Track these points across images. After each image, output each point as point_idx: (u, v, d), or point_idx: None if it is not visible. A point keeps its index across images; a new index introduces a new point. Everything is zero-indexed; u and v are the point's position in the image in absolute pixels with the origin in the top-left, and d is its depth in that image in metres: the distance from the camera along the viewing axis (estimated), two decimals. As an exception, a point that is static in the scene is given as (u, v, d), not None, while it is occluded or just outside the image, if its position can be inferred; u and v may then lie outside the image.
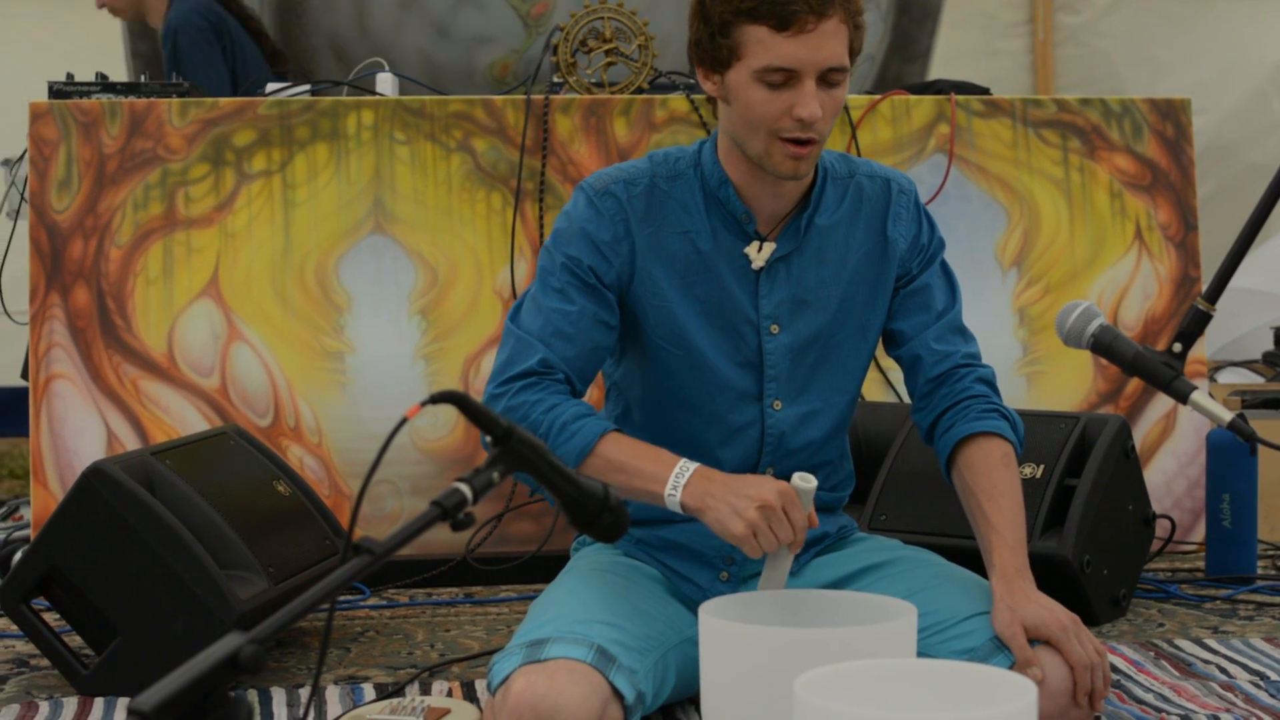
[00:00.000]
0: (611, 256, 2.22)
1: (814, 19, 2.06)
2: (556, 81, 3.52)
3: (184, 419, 3.34)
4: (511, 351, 2.20)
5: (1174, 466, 3.59)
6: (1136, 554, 3.06)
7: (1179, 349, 2.45)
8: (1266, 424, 3.47)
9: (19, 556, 2.67)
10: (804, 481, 2.04)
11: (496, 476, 1.52)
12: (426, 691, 2.55)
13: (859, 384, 2.36)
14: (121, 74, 4.92)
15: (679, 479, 2.07)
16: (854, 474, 2.45)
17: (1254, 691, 2.42)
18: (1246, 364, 4.63)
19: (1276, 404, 3.78)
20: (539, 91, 3.47)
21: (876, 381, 3.51)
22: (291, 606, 1.30)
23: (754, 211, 2.23)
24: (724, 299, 2.24)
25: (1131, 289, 3.61)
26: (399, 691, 2.53)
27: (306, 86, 3.57)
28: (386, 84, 3.62)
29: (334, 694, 2.54)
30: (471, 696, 2.50)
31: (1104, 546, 2.92)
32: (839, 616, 1.99)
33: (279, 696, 2.52)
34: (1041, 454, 2.95)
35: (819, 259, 2.26)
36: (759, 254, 2.24)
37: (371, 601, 3.22)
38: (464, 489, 1.48)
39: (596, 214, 2.22)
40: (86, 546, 2.55)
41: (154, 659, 2.50)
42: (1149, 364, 2.43)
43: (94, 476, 2.57)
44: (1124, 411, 3.56)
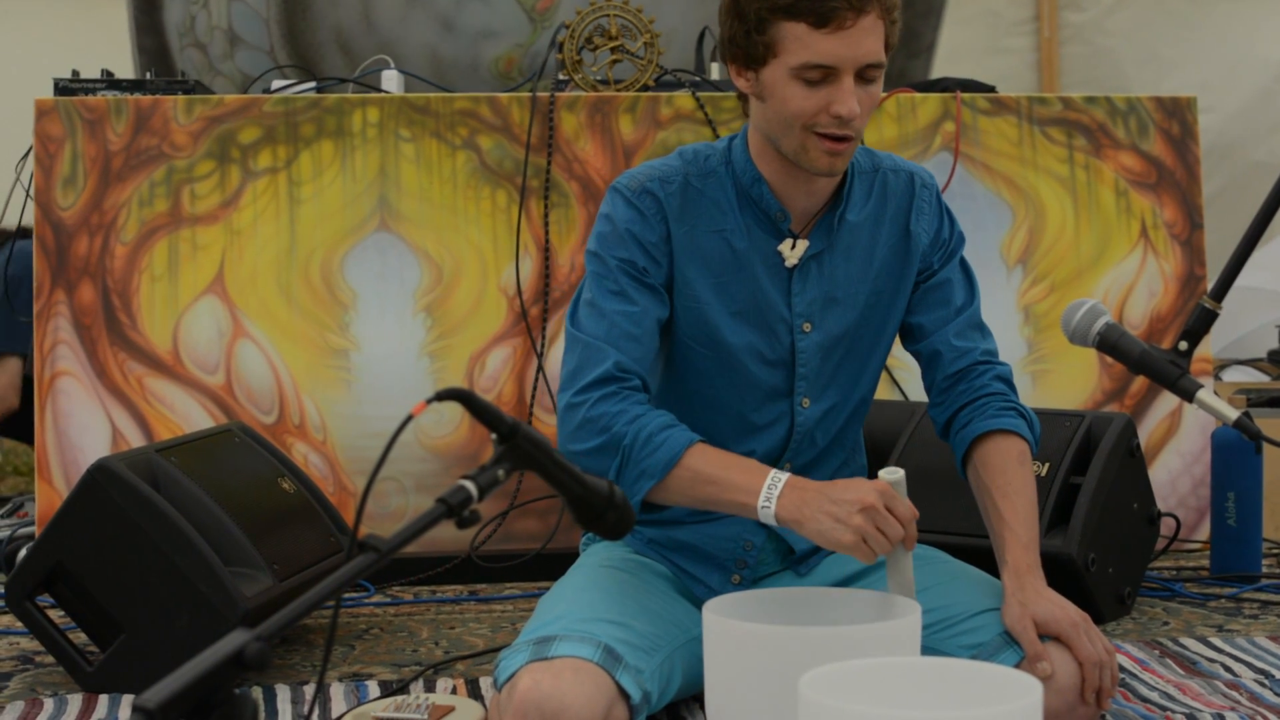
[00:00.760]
0: (659, 257, 2.19)
1: (852, 15, 2.04)
2: (562, 79, 3.51)
3: (189, 416, 3.34)
4: (581, 358, 2.15)
5: (1179, 465, 3.59)
6: (1141, 552, 3.05)
7: (1185, 347, 2.44)
8: (1272, 422, 3.46)
9: (24, 553, 2.66)
10: (892, 474, 2.01)
11: (502, 474, 1.52)
12: (431, 689, 2.55)
13: (877, 377, 2.35)
14: (127, 71, 4.91)
15: (771, 490, 2.03)
16: (866, 467, 2.44)
17: (1259, 690, 2.42)
18: (1252, 362, 4.63)
19: (1281, 402, 3.78)
20: (544, 89, 3.47)
21: (882, 379, 3.50)
22: (296, 604, 1.30)
23: (788, 209, 2.21)
24: (759, 297, 2.22)
25: (1137, 287, 3.60)
26: (403, 689, 2.53)
27: (312, 84, 3.57)
28: (392, 81, 3.62)
29: (338, 691, 2.54)
30: (476, 694, 2.50)
31: (1109, 545, 2.92)
32: (843, 614, 1.99)
33: (284, 694, 2.52)
34: (1047, 452, 2.95)
35: (848, 256, 2.25)
36: (792, 251, 2.22)
37: (376, 599, 3.22)
38: (469, 486, 1.48)
39: (640, 215, 2.18)
40: (91, 543, 2.55)
41: (159, 656, 2.50)
42: (1154, 362, 2.43)
43: (99, 473, 2.57)
44: (1129, 410, 3.55)
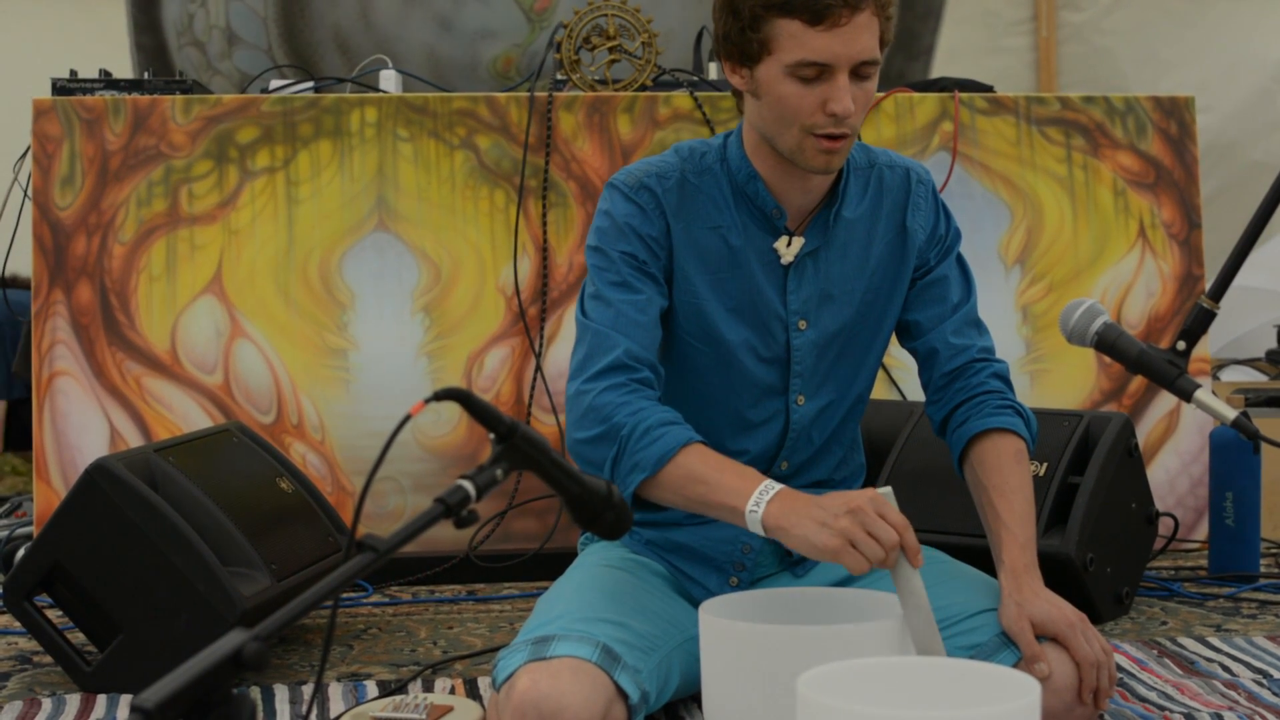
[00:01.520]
0: (659, 251, 2.19)
1: (847, 13, 2.03)
2: (560, 79, 3.51)
3: (187, 416, 3.34)
4: (590, 346, 2.14)
5: (1177, 464, 3.59)
6: (1139, 552, 3.05)
7: (1183, 347, 2.44)
8: (1270, 422, 3.47)
9: (22, 553, 2.66)
10: (881, 491, 1.95)
11: (500, 474, 1.52)
12: (429, 689, 2.55)
13: (874, 374, 2.35)
14: (125, 70, 4.91)
15: (762, 496, 1.99)
16: (865, 465, 2.44)
17: (1257, 690, 2.42)
18: (1250, 362, 4.62)
19: (1279, 402, 3.78)
20: (542, 89, 3.47)
21: (880, 379, 3.51)
22: (294, 604, 1.30)
23: (783, 206, 2.21)
24: (754, 295, 2.22)
25: (1135, 287, 3.60)
26: (401, 689, 2.53)
27: (310, 83, 3.57)
28: (390, 81, 3.62)
29: (337, 691, 2.54)
30: (474, 694, 2.50)
31: (1107, 544, 2.92)
32: (838, 614, 1.99)
33: (282, 694, 2.52)
34: (1045, 452, 2.95)
35: (844, 253, 2.25)
36: (788, 249, 2.22)
37: (374, 599, 3.22)
38: (467, 486, 1.48)
39: (639, 210, 2.18)
40: (89, 543, 2.55)
41: (157, 656, 2.51)
42: (1153, 362, 2.42)
43: (97, 473, 2.57)
44: (1127, 409, 3.55)
